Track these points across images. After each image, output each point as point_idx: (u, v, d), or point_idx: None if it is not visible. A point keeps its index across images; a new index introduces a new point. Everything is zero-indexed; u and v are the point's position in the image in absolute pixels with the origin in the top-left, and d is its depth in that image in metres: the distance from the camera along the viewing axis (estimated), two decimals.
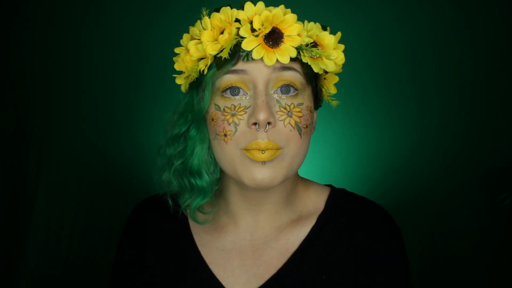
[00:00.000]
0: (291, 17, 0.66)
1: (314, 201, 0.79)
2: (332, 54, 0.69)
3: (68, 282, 2.18)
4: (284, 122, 0.67)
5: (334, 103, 0.76)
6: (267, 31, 0.65)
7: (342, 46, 0.71)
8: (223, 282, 0.75)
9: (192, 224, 0.80)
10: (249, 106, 0.67)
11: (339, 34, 0.72)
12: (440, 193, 2.35)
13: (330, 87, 0.76)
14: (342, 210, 0.78)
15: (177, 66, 0.72)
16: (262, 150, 0.66)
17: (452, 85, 2.37)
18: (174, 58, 0.73)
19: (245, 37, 0.65)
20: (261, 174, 0.66)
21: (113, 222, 1.61)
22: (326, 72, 0.73)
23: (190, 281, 0.77)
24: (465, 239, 2.27)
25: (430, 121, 2.39)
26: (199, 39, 0.69)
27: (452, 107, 2.36)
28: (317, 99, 0.75)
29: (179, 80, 0.73)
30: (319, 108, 0.79)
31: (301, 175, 0.81)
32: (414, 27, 2.37)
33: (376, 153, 2.43)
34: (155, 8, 2.33)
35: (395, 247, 0.75)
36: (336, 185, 0.85)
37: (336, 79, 0.76)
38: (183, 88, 0.74)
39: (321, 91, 0.76)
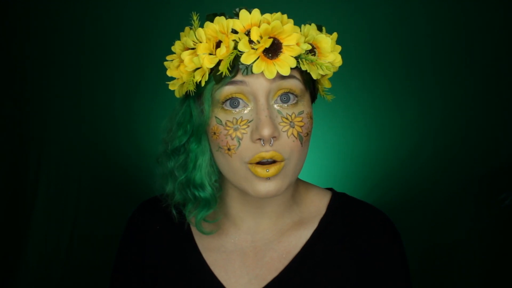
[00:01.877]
0: (289, 26, 0.65)
1: (316, 204, 0.80)
2: (329, 59, 0.69)
3: (68, 282, 2.18)
4: (287, 133, 0.66)
5: (329, 97, 0.76)
6: (267, 45, 0.64)
7: (339, 48, 0.71)
8: (225, 284, 0.75)
9: (192, 225, 0.80)
10: (251, 120, 0.66)
11: (335, 35, 0.71)
12: (440, 193, 2.35)
13: (325, 82, 0.76)
14: (344, 214, 0.78)
15: (169, 73, 0.70)
16: (267, 169, 0.66)
17: (452, 85, 2.37)
18: (166, 64, 0.71)
19: (244, 52, 0.64)
20: (266, 188, 0.67)
21: (114, 222, 1.60)
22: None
23: (192, 282, 0.77)
24: (465, 239, 2.27)
25: (430, 122, 2.39)
26: (193, 49, 0.67)
27: (452, 108, 2.36)
28: (313, 96, 0.75)
29: (172, 86, 0.72)
30: (315, 107, 0.78)
31: (301, 174, 0.80)
32: (415, 27, 2.37)
33: (376, 153, 2.42)
34: (155, 7, 2.33)
35: (396, 252, 0.76)
36: (336, 185, 0.85)
37: (330, 73, 0.75)
38: (177, 94, 0.72)
39: (317, 88, 0.76)
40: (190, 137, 0.71)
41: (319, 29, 0.71)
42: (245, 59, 0.64)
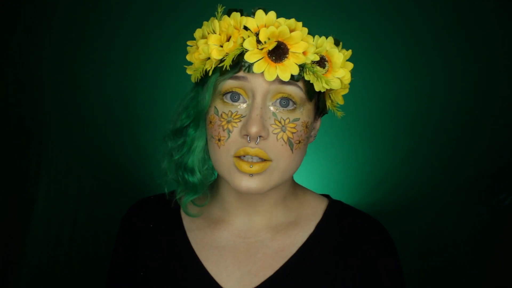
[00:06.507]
0: (298, 34, 0.65)
1: (313, 207, 0.80)
2: (338, 74, 0.69)
3: (68, 282, 2.19)
4: (277, 136, 0.67)
5: (339, 113, 0.76)
6: (271, 47, 0.65)
7: (351, 65, 0.71)
8: (217, 279, 0.76)
9: (185, 222, 0.81)
10: (244, 116, 0.67)
11: (350, 52, 0.71)
12: (440, 194, 2.35)
13: (337, 98, 0.76)
14: (340, 222, 0.79)
15: (188, 57, 0.73)
16: (250, 165, 0.67)
17: (450, 85, 2.37)
18: (188, 48, 0.73)
19: (249, 49, 0.65)
20: (247, 184, 0.68)
21: (113, 221, 1.61)
22: None
23: (184, 278, 0.77)
24: (465, 239, 2.27)
25: (429, 122, 2.39)
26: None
27: (451, 108, 2.37)
28: (320, 109, 0.75)
29: (190, 71, 0.74)
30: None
31: (299, 176, 0.81)
32: (414, 28, 2.37)
33: (375, 154, 2.43)
34: (156, 6, 2.33)
35: (392, 262, 0.77)
36: (336, 186, 0.85)
37: (346, 91, 0.75)
38: (193, 79, 0.75)
39: (325, 102, 0.75)
40: (191, 122, 0.73)
41: (336, 43, 0.71)
42: (248, 57, 0.65)
